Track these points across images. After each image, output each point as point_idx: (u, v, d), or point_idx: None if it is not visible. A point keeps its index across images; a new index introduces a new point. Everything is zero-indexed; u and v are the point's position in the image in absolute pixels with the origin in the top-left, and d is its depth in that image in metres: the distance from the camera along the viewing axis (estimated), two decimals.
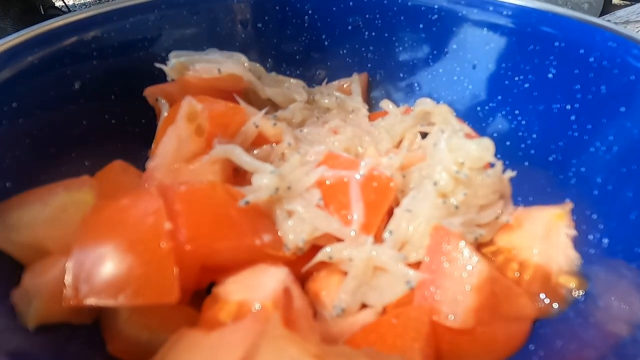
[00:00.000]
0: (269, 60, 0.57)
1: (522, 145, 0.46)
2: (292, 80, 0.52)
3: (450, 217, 0.33)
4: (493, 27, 0.49)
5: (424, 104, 0.46)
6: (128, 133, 0.48)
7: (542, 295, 0.32)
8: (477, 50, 0.51)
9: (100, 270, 0.26)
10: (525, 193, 0.43)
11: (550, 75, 0.44)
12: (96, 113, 0.45)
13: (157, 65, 0.45)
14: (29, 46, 0.40)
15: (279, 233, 0.33)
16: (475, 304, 0.28)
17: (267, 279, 0.29)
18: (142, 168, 0.40)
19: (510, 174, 0.39)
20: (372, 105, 0.59)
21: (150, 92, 0.45)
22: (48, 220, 0.30)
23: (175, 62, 0.43)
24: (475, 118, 0.51)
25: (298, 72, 0.59)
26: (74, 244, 0.28)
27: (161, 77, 0.47)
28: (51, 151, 0.40)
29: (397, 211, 0.35)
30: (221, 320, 0.27)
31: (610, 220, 0.34)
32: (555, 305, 0.31)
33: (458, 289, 0.29)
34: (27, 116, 0.38)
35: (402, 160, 0.39)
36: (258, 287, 0.29)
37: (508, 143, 0.48)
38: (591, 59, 0.40)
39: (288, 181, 0.34)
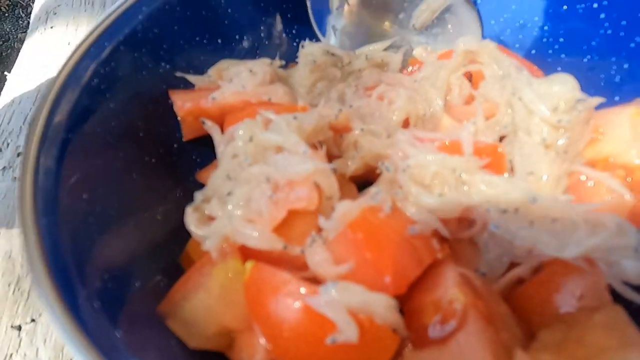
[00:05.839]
0: None
1: (550, 51, 0.48)
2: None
3: (562, 161, 0.36)
4: None
5: (467, 43, 0.45)
6: None
7: None
8: None
9: None
10: None
11: None
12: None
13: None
14: None
15: None
16: None
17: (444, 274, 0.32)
18: None
19: (597, 100, 0.38)
20: None
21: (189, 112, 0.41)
22: (221, 303, 0.29)
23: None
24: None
25: None
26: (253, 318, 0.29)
27: None
28: None
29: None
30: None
31: None
32: None
33: None
34: None
35: (482, 120, 0.40)
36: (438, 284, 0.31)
37: (533, 52, 0.50)
38: None
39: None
